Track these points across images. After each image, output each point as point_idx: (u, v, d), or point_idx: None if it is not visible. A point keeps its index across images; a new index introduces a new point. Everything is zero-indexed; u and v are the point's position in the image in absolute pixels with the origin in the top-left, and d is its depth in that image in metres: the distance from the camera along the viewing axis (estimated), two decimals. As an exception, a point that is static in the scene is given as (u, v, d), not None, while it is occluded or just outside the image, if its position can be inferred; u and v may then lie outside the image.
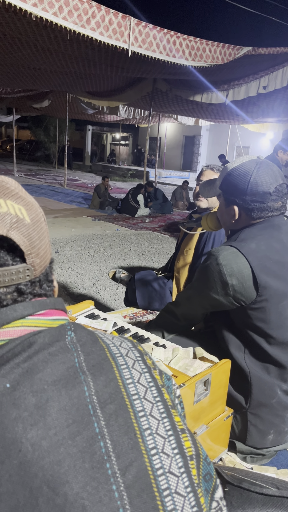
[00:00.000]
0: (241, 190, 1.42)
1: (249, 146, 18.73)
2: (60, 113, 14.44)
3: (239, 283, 1.35)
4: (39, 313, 0.56)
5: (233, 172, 1.45)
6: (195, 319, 1.61)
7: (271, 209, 1.42)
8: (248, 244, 1.38)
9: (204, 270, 1.43)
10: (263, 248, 1.38)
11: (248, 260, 1.34)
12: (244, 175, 1.42)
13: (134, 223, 7.98)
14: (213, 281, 1.39)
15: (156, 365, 0.61)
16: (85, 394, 0.50)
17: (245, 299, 1.36)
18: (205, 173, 2.36)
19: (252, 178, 1.40)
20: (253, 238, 1.40)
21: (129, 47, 5.02)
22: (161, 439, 0.50)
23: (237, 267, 1.35)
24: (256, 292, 1.34)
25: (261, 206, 1.41)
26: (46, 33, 5.07)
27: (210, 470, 0.54)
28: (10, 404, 0.46)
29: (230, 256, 1.36)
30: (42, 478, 0.43)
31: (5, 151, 26.31)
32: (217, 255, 1.38)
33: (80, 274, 4.36)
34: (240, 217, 1.48)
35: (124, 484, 0.45)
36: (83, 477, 0.44)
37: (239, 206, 1.46)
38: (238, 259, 1.35)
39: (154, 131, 19.22)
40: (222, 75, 6.71)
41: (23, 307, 0.55)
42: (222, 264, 1.36)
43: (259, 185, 1.39)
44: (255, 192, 1.40)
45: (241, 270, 1.34)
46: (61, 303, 0.61)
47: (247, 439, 1.47)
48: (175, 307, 1.61)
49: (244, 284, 1.35)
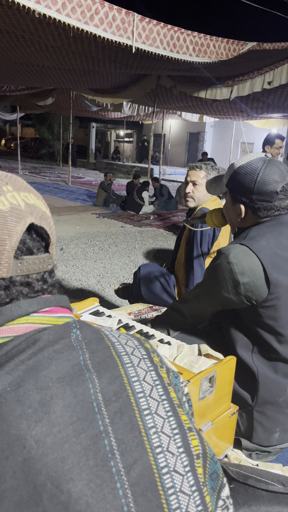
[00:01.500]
0: (247, 188, 1.41)
1: (254, 142, 18.63)
2: (64, 111, 14.44)
3: (251, 281, 1.34)
4: (43, 310, 0.56)
5: (240, 170, 1.44)
6: (203, 317, 1.60)
7: (277, 208, 1.41)
8: (258, 242, 1.37)
9: (214, 269, 1.42)
10: (273, 245, 1.37)
11: (259, 258, 1.33)
12: (251, 173, 1.41)
13: (139, 220, 7.97)
14: (223, 279, 1.38)
15: (163, 363, 0.61)
16: (90, 392, 0.49)
17: (256, 298, 1.35)
18: (190, 173, 2.38)
19: (259, 177, 1.39)
20: (263, 236, 1.39)
21: (132, 43, 5.01)
22: (167, 438, 0.50)
23: (248, 266, 1.33)
24: (268, 290, 1.33)
25: (267, 205, 1.40)
26: (50, 30, 5.06)
27: (217, 469, 0.54)
28: (15, 401, 0.46)
29: (241, 254, 1.35)
30: (46, 474, 0.43)
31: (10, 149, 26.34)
32: (228, 254, 1.37)
33: (84, 272, 4.36)
34: (246, 216, 1.47)
35: (129, 482, 0.45)
36: (87, 474, 0.44)
37: (246, 205, 1.45)
38: (249, 257, 1.34)
39: (158, 128, 19.18)
40: (226, 71, 6.67)
41: (28, 304, 0.55)
42: (233, 262, 1.34)
43: (266, 184, 1.38)
44: (262, 191, 1.39)
45: (252, 268, 1.33)
46: (66, 301, 0.61)
47: (253, 437, 1.46)
48: (183, 305, 1.60)
49: (255, 282, 1.34)
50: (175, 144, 22.72)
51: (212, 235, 2.30)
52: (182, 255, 2.43)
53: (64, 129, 19.93)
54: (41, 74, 8.47)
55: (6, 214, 0.53)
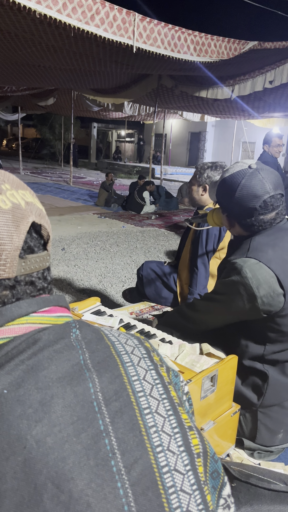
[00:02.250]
0: (228, 203, 1.39)
1: (255, 142, 18.61)
2: (65, 111, 14.46)
3: (267, 293, 1.31)
4: (43, 310, 0.56)
5: (224, 182, 1.41)
6: (212, 327, 1.58)
7: (260, 222, 1.37)
8: (265, 252, 1.35)
9: (228, 284, 1.39)
10: (279, 253, 1.35)
11: (271, 269, 1.31)
12: (232, 187, 1.37)
13: (140, 220, 7.97)
14: (239, 295, 1.35)
15: (163, 362, 0.60)
16: (90, 391, 0.49)
17: (274, 308, 1.33)
18: None
19: (238, 193, 1.35)
20: (266, 245, 1.37)
21: (133, 43, 5.01)
22: (167, 437, 0.50)
23: (262, 278, 1.31)
24: (284, 299, 1.31)
25: (249, 221, 1.38)
26: (51, 30, 5.07)
27: (217, 467, 0.54)
28: (15, 400, 0.46)
29: (254, 267, 1.32)
30: (46, 474, 0.42)
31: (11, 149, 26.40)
32: (240, 268, 1.34)
33: (86, 271, 4.37)
34: (234, 227, 1.46)
35: (129, 481, 0.44)
36: (87, 474, 0.44)
37: (229, 217, 1.44)
38: (262, 269, 1.32)
39: (159, 128, 19.18)
40: (227, 70, 6.67)
41: (27, 304, 0.55)
42: (248, 277, 1.32)
43: (244, 200, 1.34)
44: (242, 207, 1.36)
45: (267, 280, 1.31)
46: (64, 300, 0.61)
47: (257, 437, 1.46)
48: (192, 312, 1.57)
49: (272, 294, 1.32)
50: (176, 144, 22.72)
51: (218, 235, 2.29)
52: (187, 255, 2.42)
53: (66, 129, 19.95)
54: (42, 74, 8.48)
55: (9, 213, 0.53)
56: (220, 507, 0.52)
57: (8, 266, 0.53)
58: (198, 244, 2.30)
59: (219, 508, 0.52)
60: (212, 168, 2.28)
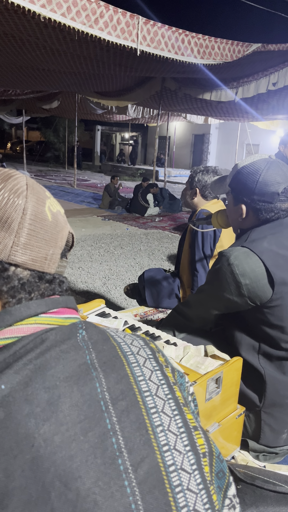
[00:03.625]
0: (249, 189, 1.41)
1: (259, 144, 18.60)
2: (69, 114, 14.51)
3: (253, 282, 1.33)
4: (51, 311, 0.57)
5: (243, 171, 1.44)
6: (208, 321, 1.60)
7: (278, 209, 1.40)
8: (260, 243, 1.37)
9: (216, 272, 1.42)
10: (274, 246, 1.37)
11: (261, 259, 1.33)
12: (254, 174, 1.40)
13: (144, 222, 7.98)
14: (226, 282, 1.37)
15: (168, 363, 0.61)
16: (97, 391, 0.50)
17: (260, 298, 1.35)
18: None
19: (261, 178, 1.38)
20: (264, 237, 1.39)
21: (137, 46, 5.02)
22: (173, 436, 0.50)
23: (249, 267, 1.33)
24: (272, 290, 1.33)
25: (268, 207, 1.40)
26: (55, 34, 5.10)
27: (223, 467, 0.54)
28: (23, 399, 0.46)
29: (242, 256, 1.35)
30: (54, 473, 0.43)
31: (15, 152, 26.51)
32: (228, 256, 1.37)
33: (90, 274, 4.37)
34: (247, 216, 1.47)
35: (136, 480, 0.45)
36: (95, 472, 0.44)
37: (247, 205, 1.45)
38: (249, 258, 1.34)
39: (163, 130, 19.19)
40: (231, 72, 6.67)
41: (37, 305, 0.56)
42: (234, 264, 1.34)
43: (267, 185, 1.38)
44: (263, 191, 1.38)
45: (253, 269, 1.33)
46: (72, 302, 0.62)
47: (261, 438, 1.46)
48: (187, 309, 1.60)
49: (257, 283, 1.33)
50: (180, 146, 22.74)
51: (213, 236, 2.30)
52: (185, 258, 2.43)
53: (70, 132, 20.03)
54: (47, 77, 8.52)
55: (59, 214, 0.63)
56: (225, 507, 0.52)
57: (53, 262, 0.59)
58: (195, 247, 2.30)
59: (225, 508, 0.52)
60: (203, 172, 2.32)
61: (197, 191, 2.34)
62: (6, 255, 0.54)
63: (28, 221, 0.55)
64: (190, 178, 2.38)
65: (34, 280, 0.57)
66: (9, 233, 0.54)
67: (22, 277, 0.56)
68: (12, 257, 0.54)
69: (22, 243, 0.55)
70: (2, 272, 0.54)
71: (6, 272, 0.54)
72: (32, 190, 0.58)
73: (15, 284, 0.55)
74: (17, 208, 0.55)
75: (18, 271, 0.55)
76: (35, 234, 0.56)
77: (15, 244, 0.54)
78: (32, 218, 0.56)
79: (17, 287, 0.55)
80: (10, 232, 0.54)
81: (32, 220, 0.56)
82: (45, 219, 0.58)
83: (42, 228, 0.57)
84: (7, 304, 0.55)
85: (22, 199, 0.56)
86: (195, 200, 2.37)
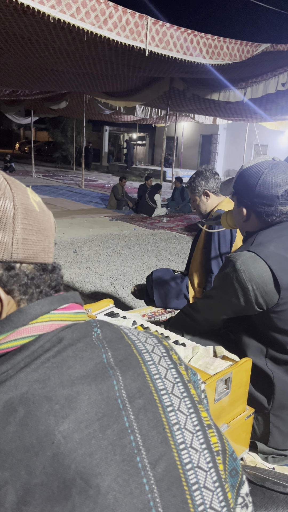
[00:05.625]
0: (249, 191, 1.39)
1: (267, 144, 18.51)
2: (77, 114, 14.56)
3: (260, 287, 1.32)
4: (62, 307, 0.58)
5: (245, 172, 1.43)
6: (216, 324, 1.59)
7: (279, 213, 1.37)
8: (266, 247, 1.35)
9: (223, 277, 1.41)
10: (281, 250, 1.35)
11: (267, 264, 1.32)
12: (254, 175, 1.38)
13: (151, 222, 7.98)
14: (233, 287, 1.36)
15: (182, 360, 0.61)
16: (114, 389, 0.50)
17: (267, 303, 1.34)
18: None
19: (261, 180, 1.36)
20: (271, 241, 1.37)
21: (146, 46, 5.03)
22: (190, 434, 0.51)
23: (256, 272, 1.32)
24: (278, 295, 1.32)
25: (269, 210, 1.38)
26: (64, 34, 5.12)
27: (236, 465, 0.54)
28: (42, 397, 0.47)
29: (249, 261, 1.33)
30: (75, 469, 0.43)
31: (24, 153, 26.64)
32: (235, 261, 1.35)
33: (98, 274, 4.38)
34: (250, 219, 1.45)
35: (154, 477, 0.45)
36: (114, 469, 0.44)
37: (248, 208, 1.43)
38: (257, 263, 1.33)
39: (171, 131, 19.18)
40: (240, 72, 6.66)
41: (49, 302, 0.56)
42: (241, 269, 1.33)
43: (267, 187, 1.35)
44: (263, 194, 1.36)
45: (260, 274, 1.32)
46: (78, 297, 0.63)
47: (269, 440, 1.45)
48: (195, 313, 1.59)
49: (265, 288, 1.32)
50: (188, 147, 22.70)
51: (230, 236, 2.29)
52: (196, 258, 2.42)
53: (77, 133, 20.09)
54: (55, 78, 8.56)
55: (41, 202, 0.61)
56: (238, 506, 0.52)
57: (51, 251, 0.60)
58: (210, 247, 2.29)
59: (238, 506, 0.52)
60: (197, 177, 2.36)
61: (208, 193, 2.34)
62: (9, 254, 0.53)
63: (21, 216, 0.55)
64: (190, 190, 2.41)
65: (39, 273, 0.58)
66: (5, 232, 0.53)
67: (28, 272, 0.56)
68: (14, 255, 0.54)
69: (20, 239, 0.54)
70: (9, 271, 0.54)
71: (13, 271, 0.54)
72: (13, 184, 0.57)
73: (24, 281, 0.55)
74: (7, 206, 0.54)
75: (24, 267, 0.56)
76: (30, 227, 0.56)
77: (15, 241, 0.53)
78: (23, 212, 0.55)
79: (27, 283, 0.56)
80: (6, 231, 0.53)
81: (24, 214, 0.55)
82: (34, 210, 0.57)
83: (35, 220, 0.57)
84: (21, 302, 0.55)
85: (9, 195, 0.54)
86: (209, 202, 2.38)
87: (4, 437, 0.44)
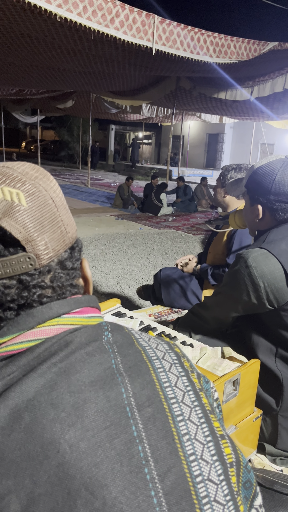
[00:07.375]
0: (265, 189, 1.40)
1: (274, 143, 18.42)
2: (83, 113, 14.58)
3: (271, 284, 1.32)
4: (74, 311, 0.56)
5: (259, 171, 1.43)
6: (225, 323, 1.58)
7: None
8: (278, 245, 1.35)
9: (233, 274, 1.40)
10: None
11: (279, 261, 1.31)
12: (270, 174, 1.39)
13: (157, 222, 7.97)
14: (244, 284, 1.36)
15: (194, 368, 0.59)
16: (122, 396, 0.48)
17: (278, 301, 1.33)
18: None
19: (277, 177, 1.37)
20: (283, 238, 1.37)
21: (153, 45, 5.02)
22: (200, 445, 0.48)
23: (267, 269, 1.32)
24: None
25: (285, 207, 1.39)
26: (71, 33, 5.12)
27: (250, 477, 0.52)
28: (48, 404, 0.46)
29: (260, 258, 1.33)
30: (80, 480, 0.42)
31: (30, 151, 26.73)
32: (246, 258, 1.35)
33: (104, 273, 4.38)
34: (264, 217, 1.45)
35: (163, 490, 0.43)
36: (121, 481, 0.43)
37: (263, 206, 1.43)
38: (268, 260, 1.32)
39: (177, 130, 19.14)
40: (247, 71, 6.62)
41: (59, 305, 0.54)
42: (252, 266, 1.32)
43: (284, 185, 1.36)
44: (280, 191, 1.37)
45: (272, 271, 1.31)
46: (95, 301, 0.60)
47: (278, 442, 1.44)
48: (204, 311, 1.58)
49: (276, 285, 1.31)
50: (194, 146, 22.65)
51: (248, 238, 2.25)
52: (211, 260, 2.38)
53: (84, 132, 20.11)
54: (62, 77, 8.57)
55: None
56: None
57: None
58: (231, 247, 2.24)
59: None
60: (236, 170, 2.23)
61: None
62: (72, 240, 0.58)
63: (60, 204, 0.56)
64: (221, 176, 2.27)
65: None
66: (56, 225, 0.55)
67: None
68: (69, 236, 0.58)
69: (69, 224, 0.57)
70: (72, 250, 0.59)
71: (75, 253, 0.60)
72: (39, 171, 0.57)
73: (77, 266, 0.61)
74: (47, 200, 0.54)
75: None
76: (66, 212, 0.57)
77: (66, 231, 0.56)
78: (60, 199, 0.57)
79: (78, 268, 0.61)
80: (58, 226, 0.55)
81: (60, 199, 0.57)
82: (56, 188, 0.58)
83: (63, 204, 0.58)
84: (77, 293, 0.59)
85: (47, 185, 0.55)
86: (227, 199, 2.28)
87: (9, 445, 0.43)
